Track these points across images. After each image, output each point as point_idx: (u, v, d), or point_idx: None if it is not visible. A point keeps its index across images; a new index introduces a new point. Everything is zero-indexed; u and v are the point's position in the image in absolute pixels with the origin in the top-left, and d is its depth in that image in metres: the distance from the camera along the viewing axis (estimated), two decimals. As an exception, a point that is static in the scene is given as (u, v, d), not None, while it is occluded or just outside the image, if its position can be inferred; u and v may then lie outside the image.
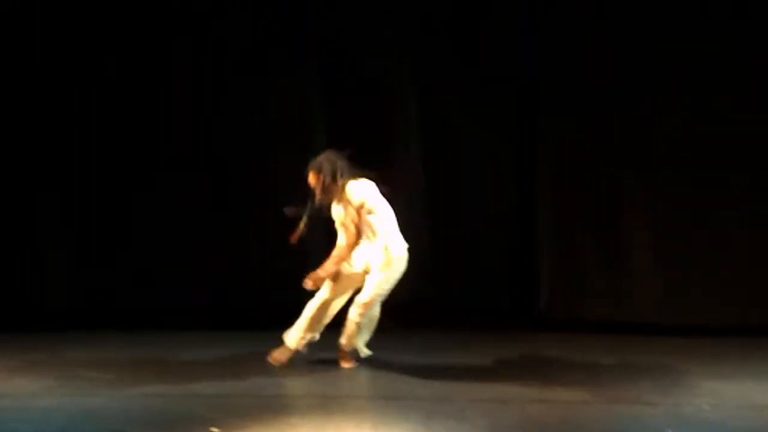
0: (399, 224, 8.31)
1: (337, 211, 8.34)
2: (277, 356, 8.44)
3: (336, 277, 8.31)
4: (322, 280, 8.25)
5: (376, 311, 8.41)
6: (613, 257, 10.24)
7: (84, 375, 8.15)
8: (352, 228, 8.22)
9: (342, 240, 8.31)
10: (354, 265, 8.33)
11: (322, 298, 8.37)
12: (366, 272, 8.30)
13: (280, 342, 8.45)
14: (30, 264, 10.48)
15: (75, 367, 8.38)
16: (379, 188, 8.26)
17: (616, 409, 7.36)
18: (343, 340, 8.38)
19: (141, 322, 10.05)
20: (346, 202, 8.24)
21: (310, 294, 8.31)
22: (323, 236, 8.57)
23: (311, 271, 8.21)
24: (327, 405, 7.55)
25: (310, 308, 8.38)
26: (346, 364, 8.37)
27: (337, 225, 8.36)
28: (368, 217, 8.23)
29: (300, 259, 8.69)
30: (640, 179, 10.16)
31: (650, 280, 10.12)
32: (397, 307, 8.59)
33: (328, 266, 8.25)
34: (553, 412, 7.28)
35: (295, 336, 8.42)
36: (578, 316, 10.22)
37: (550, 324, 10.18)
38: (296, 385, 8.08)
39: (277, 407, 7.43)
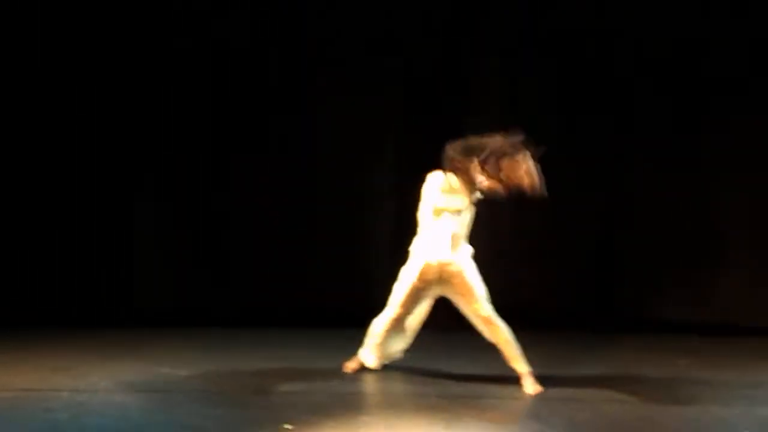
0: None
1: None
2: (350, 365, 8.31)
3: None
4: None
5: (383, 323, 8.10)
6: (692, 256, 10.21)
7: (159, 372, 8.22)
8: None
9: None
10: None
11: (390, 315, 8.06)
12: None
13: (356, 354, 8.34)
14: (120, 262, 10.58)
15: (152, 364, 8.45)
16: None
17: (692, 409, 7.31)
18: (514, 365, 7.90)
19: (217, 320, 10.12)
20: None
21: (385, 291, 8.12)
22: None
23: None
24: (400, 403, 7.56)
25: (379, 327, 8.13)
26: (530, 389, 7.75)
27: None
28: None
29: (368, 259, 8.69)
30: (728, 178, 10.16)
31: (729, 279, 10.09)
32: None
33: None
34: (628, 411, 7.25)
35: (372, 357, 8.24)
36: (655, 317, 10.17)
37: (627, 324, 10.15)
38: (369, 383, 8.05)
39: (349, 404, 7.44)
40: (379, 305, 8.11)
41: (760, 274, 10.07)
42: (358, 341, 8.22)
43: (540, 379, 7.76)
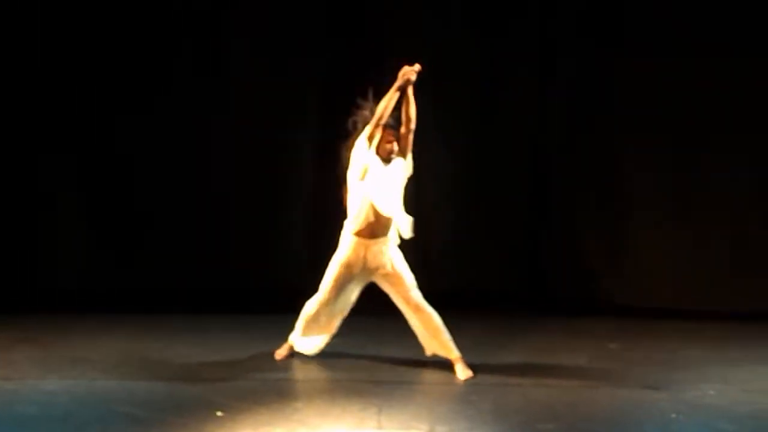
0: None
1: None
2: (280, 351, 8.23)
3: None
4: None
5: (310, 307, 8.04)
6: (622, 241, 10.25)
7: (89, 358, 8.14)
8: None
9: None
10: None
11: (319, 299, 8.01)
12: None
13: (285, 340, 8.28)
14: (41, 244, 10.41)
15: (80, 351, 8.38)
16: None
17: (621, 393, 7.38)
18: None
19: (145, 304, 9.97)
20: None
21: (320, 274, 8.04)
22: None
23: None
24: (332, 389, 7.59)
25: (308, 310, 8.06)
26: (462, 374, 7.75)
27: None
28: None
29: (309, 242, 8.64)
30: (648, 161, 10.18)
31: (658, 264, 10.14)
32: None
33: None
34: (558, 395, 7.29)
35: (303, 343, 8.19)
36: (585, 300, 10.23)
37: (557, 308, 10.17)
38: (301, 369, 8.03)
39: (282, 391, 7.45)
40: (305, 287, 8.12)
41: (688, 256, 10.11)
42: (285, 326, 8.17)
43: (470, 363, 7.79)
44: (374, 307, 8.06)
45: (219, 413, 6.75)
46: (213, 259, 10.35)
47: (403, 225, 7.73)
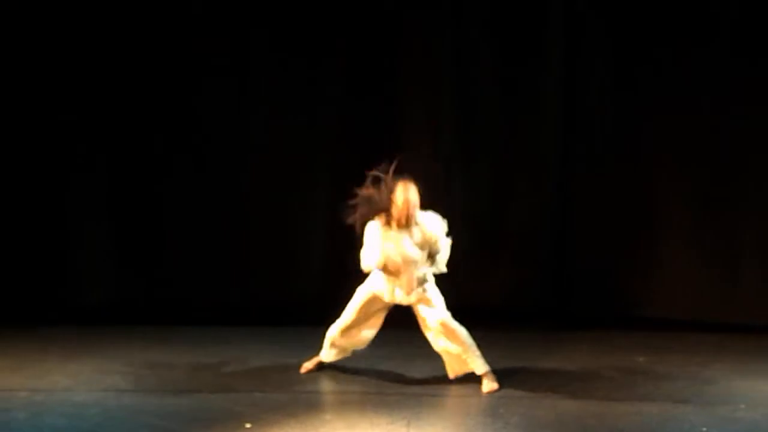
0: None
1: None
2: (306, 365, 8.23)
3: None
4: None
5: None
6: (648, 254, 10.16)
7: (119, 371, 8.18)
8: None
9: None
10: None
11: (342, 325, 8.04)
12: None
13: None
14: (69, 257, 10.41)
15: (110, 363, 8.41)
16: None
17: (650, 407, 7.35)
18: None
19: (175, 317, 9.99)
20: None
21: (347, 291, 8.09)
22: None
23: None
24: (360, 401, 7.54)
25: (333, 332, 8.08)
26: (487, 387, 7.75)
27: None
28: None
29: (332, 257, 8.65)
30: (676, 174, 10.10)
31: (686, 277, 10.07)
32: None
33: None
34: (586, 409, 7.27)
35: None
36: (612, 314, 10.16)
37: (584, 322, 10.10)
38: (330, 381, 8.03)
39: (311, 403, 7.46)
40: (332, 298, 8.19)
41: (718, 270, 10.03)
42: (313, 339, 8.19)
43: (497, 376, 7.78)
44: (402, 319, 8.06)
45: (248, 425, 6.77)
46: (240, 272, 10.33)
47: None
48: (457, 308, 7.87)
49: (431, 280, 7.84)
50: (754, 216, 9.96)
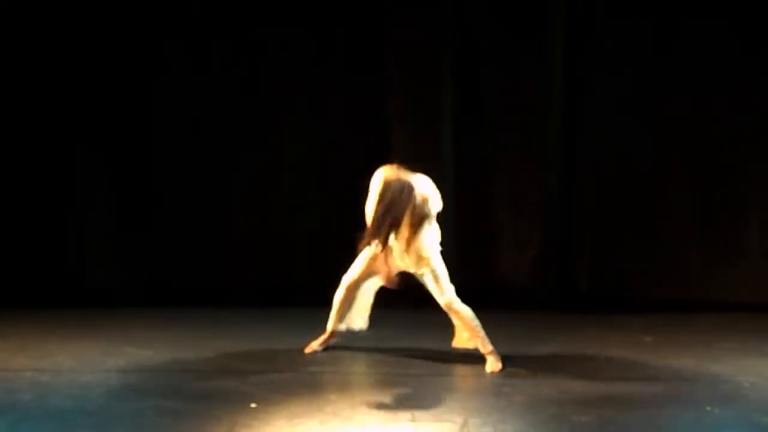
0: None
1: None
2: (312, 345, 8.20)
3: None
4: None
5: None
6: (655, 234, 10.20)
7: (123, 351, 8.20)
8: None
9: None
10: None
11: (349, 280, 8.01)
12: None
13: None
14: (73, 239, 10.49)
15: (114, 344, 8.43)
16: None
17: (656, 385, 7.35)
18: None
19: (179, 299, 10.03)
20: None
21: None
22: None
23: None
24: (365, 381, 7.60)
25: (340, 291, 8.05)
26: (492, 367, 7.73)
27: None
28: None
29: (336, 238, 8.64)
30: (681, 155, 10.14)
31: (691, 256, 10.11)
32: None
33: None
34: (592, 388, 7.26)
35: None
36: (618, 295, 10.20)
37: (590, 303, 10.14)
38: (334, 362, 8.00)
39: (316, 383, 7.46)
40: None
41: (722, 248, 10.10)
42: (318, 320, 8.15)
43: (502, 357, 7.78)
44: (407, 299, 8.05)
45: (253, 405, 6.76)
46: (245, 254, 10.37)
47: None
48: (463, 287, 7.84)
49: (437, 251, 7.74)
50: (760, 193, 10.02)
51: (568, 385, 7.34)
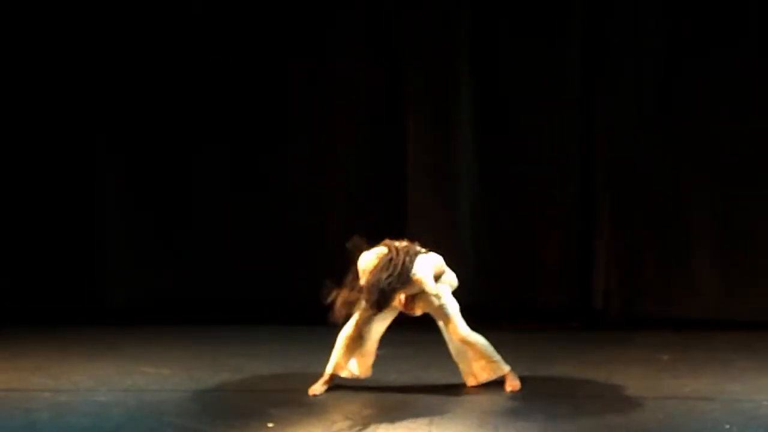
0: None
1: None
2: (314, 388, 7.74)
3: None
4: None
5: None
6: (671, 253, 10.11)
7: (141, 370, 8.21)
8: None
9: None
10: None
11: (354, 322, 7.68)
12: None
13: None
14: (92, 257, 10.42)
15: (132, 363, 8.44)
16: None
17: (674, 404, 7.33)
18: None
19: (195, 316, 10.05)
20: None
21: None
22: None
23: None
24: (382, 400, 7.49)
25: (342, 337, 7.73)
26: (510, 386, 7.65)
27: None
28: None
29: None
30: (700, 174, 10.04)
31: (709, 275, 10.02)
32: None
33: None
34: (609, 406, 7.25)
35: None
36: (636, 313, 10.12)
37: (607, 321, 10.09)
38: (351, 381, 7.84)
39: (333, 402, 7.43)
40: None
41: (741, 267, 9.99)
42: (331, 341, 7.88)
43: (522, 374, 7.76)
44: (423, 320, 8.01)
45: (270, 425, 6.76)
46: (262, 270, 10.27)
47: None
48: (480, 305, 7.82)
49: (447, 293, 7.59)
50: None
51: (585, 404, 7.32)
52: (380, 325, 7.66)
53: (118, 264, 10.45)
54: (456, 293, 7.63)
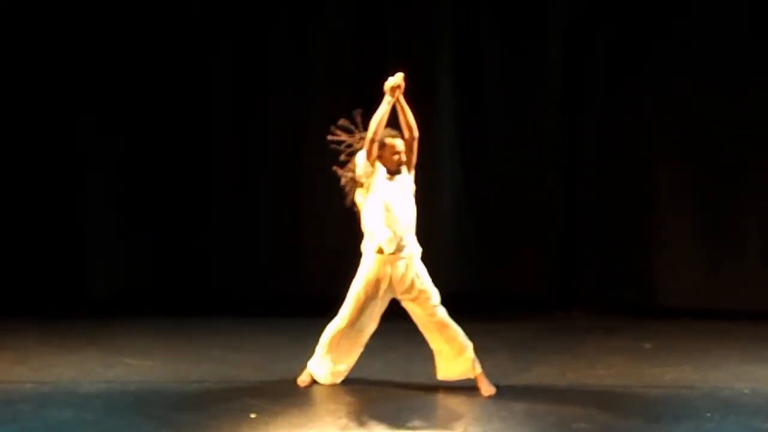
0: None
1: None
2: (303, 378, 7.71)
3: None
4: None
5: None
6: (655, 241, 10.16)
7: (123, 362, 8.19)
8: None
9: None
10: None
11: (341, 322, 7.57)
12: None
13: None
14: (76, 248, 10.36)
15: (114, 355, 8.41)
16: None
17: (656, 392, 7.36)
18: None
19: (179, 308, 10.00)
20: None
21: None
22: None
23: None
24: (366, 390, 7.47)
25: (329, 335, 7.62)
26: (485, 391, 7.43)
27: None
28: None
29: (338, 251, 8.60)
30: (683, 162, 10.10)
31: (692, 264, 10.07)
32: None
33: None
34: (591, 395, 7.27)
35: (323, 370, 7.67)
36: (618, 302, 10.18)
37: (589, 309, 10.14)
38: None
39: (316, 393, 7.42)
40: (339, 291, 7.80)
41: (722, 255, 10.05)
42: (320, 329, 7.79)
43: (501, 365, 7.77)
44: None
45: (252, 415, 6.76)
46: (246, 263, 10.30)
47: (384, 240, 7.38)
48: (461, 295, 7.80)
49: (422, 267, 7.46)
50: (759, 201, 9.97)
51: (568, 393, 7.35)
52: (370, 325, 7.58)
53: (100, 255, 10.40)
54: (437, 282, 7.51)
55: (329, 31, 10.30)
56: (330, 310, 7.67)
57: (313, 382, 7.61)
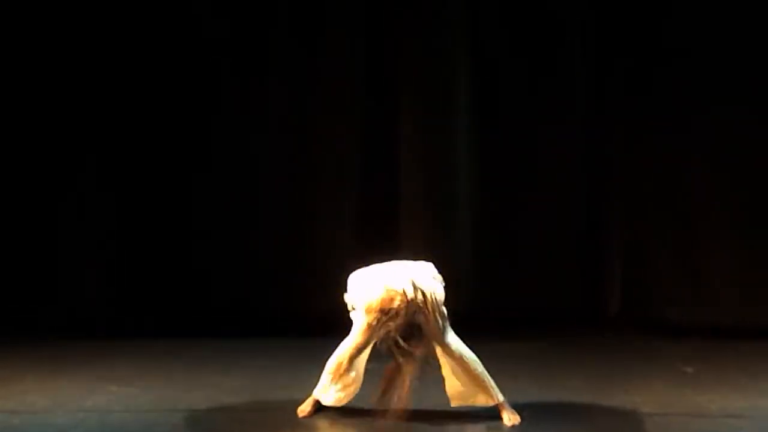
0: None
1: None
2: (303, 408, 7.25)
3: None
4: None
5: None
6: (691, 256, 9.93)
7: (104, 389, 7.76)
8: None
9: None
10: None
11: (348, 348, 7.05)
12: None
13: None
14: (58, 269, 10.18)
15: (95, 381, 8.01)
16: None
17: (699, 421, 6.94)
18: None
19: (166, 330, 9.66)
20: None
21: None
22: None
23: None
24: (364, 419, 6.94)
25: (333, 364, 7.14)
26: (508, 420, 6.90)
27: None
28: None
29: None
30: (716, 174, 9.84)
31: (732, 280, 9.79)
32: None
33: None
34: (629, 423, 6.87)
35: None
36: (656, 321, 9.85)
37: (624, 329, 9.83)
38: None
39: (310, 422, 6.99)
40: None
41: (753, 273, 9.76)
42: (317, 353, 7.31)
43: (530, 389, 7.41)
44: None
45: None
46: (238, 283, 10.09)
47: None
48: (478, 314, 7.47)
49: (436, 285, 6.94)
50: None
51: (603, 419, 6.98)
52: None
53: (80, 272, 10.18)
54: (453, 300, 6.97)
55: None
56: (331, 330, 7.22)
57: (314, 412, 7.12)
